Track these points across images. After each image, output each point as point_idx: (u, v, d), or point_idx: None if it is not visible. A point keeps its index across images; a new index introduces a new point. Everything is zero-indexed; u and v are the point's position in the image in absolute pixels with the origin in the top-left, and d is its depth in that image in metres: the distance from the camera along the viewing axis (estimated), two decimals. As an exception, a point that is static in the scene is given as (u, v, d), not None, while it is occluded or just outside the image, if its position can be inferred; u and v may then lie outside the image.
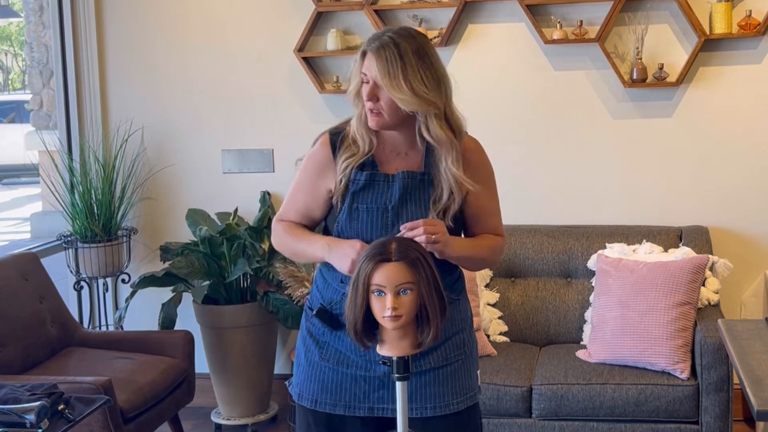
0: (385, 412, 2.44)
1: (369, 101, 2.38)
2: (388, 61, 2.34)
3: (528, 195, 4.59)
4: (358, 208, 2.43)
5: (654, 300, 3.82)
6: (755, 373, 2.68)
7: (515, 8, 4.44)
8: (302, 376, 2.52)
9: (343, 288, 2.43)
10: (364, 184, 2.44)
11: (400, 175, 2.43)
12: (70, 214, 4.75)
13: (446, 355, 2.46)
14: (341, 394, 2.46)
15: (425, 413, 2.44)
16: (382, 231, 2.41)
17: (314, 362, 2.49)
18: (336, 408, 2.46)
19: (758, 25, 4.22)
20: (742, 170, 4.40)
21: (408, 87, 2.33)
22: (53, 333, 4.12)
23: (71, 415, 2.78)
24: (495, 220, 2.57)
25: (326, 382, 2.47)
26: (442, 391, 2.45)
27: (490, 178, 2.56)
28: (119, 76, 4.94)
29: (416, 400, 2.44)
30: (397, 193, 2.42)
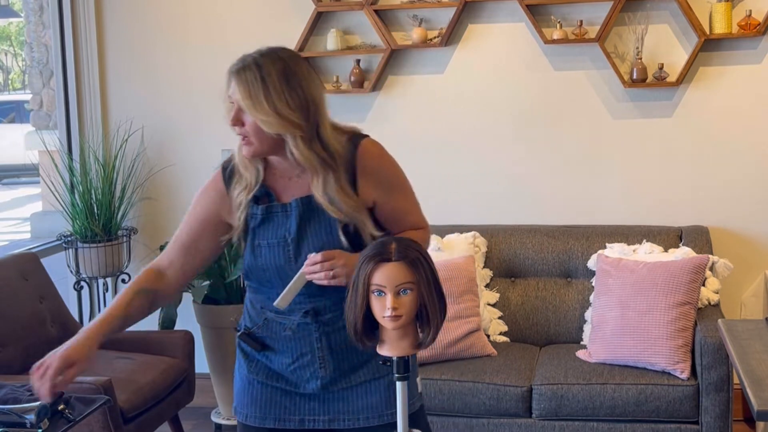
0: (317, 423, 2.42)
1: (234, 126, 2.27)
2: (249, 82, 2.24)
3: (528, 195, 4.59)
4: (260, 245, 2.35)
5: (654, 300, 3.82)
6: (755, 373, 2.68)
7: (515, 8, 4.44)
8: (236, 388, 2.50)
9: (264, 313, 2.41)
10: (262, 218, 2.34)
11: (294, 203, 2.33)
12: (70, 214, 4.75)
13: (378, 369, 2.42)
14: (271, 408, 2.43)
15: (357, 424, 2.41)
16: (285, 265, 2.34)
17: (245, 377, 2.47)
18: (266, 421, 2.43)
19: (758, 25, 4.22)
20: (742, 170, 4.40)
21: (271, 108, 2.22)
22: (53, 333, 4.12)
23: (71, 415, 2.78)
24: (413, 216, 2.50)
25: (255, 396, 2.44)
26: (375, 402, 2.42)
27: (394, 180, 2.43)
28: (119, 76, 4.94)
29: (347, 411, 2.41)
30: (294, 224, 2.33)
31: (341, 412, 2.41)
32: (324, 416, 2.41)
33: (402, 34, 4.60)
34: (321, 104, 2.31)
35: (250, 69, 2.28)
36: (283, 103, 2.23)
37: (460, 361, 3.95)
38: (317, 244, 2.33)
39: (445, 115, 4.64)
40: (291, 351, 2.41)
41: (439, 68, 4.61)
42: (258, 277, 2.40)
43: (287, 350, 2.41)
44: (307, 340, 2.39)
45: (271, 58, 2.30)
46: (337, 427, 2.42)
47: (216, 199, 2.41)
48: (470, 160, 4.63)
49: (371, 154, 2.38)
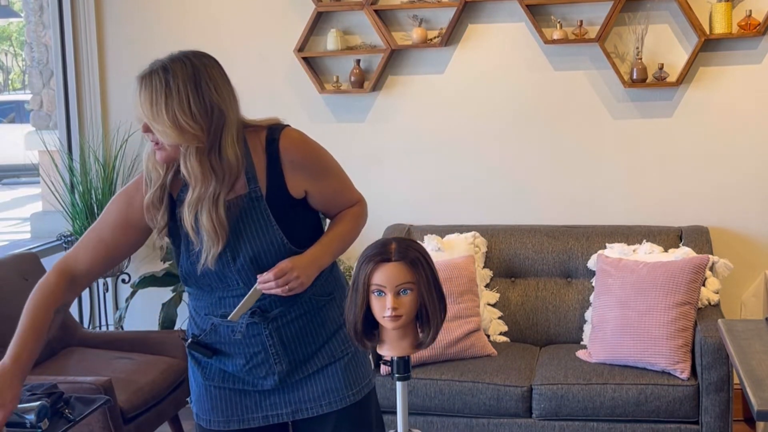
0: (281, 417, 2.41)
1: (144, 132, 2.20)
2: (153, 89, 2.16)
3: (528, 195, 4.59)
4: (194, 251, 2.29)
5: (654, 300, 3.82)
6: (755, 373, 2.68)
7: (515, 8, 4.44)
8: (194, 396, 2.48)
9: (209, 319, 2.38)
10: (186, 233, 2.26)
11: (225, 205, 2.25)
12: (70, 214, 4.75)
13: (332, 353, 2.43)
14: (233, 409, 2.42)
15: (320, 411, 2.41)
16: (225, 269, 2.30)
17: (200, 384, 2.45)
18: (230, 424, 2.42)
19: (758, 25, 4.22)
20: (742, 170, 4.40)
21: (170, 118, 2.14)
22: (53, 333, 4.11)
23: (71, 415, 2.78)
24: (347, 194, 2.45)
25: (216, 401, 2.43)
26: (335, 386, 2.42)
27: (321, 165, 2.37)
28: (119, 76, 4.94)
29: (309, 400, 2.41)
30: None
31: (302, 401, 2.41)
32: (286, 409, 2.41)
33: (402, 34, 4.60)
34: (228, 111, 2.24)
35: (157, 74, 2.19)
36: (183, 112, 2.15)
37: (460, 361, 3.95)
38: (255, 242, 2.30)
39: (445, 115, 4.64)
40: (243, 353, 2.39)
41: (439, 68, 4.61)
42: (197, 283, 2.35)
43: (239, 352, 2.39)
44: (258, 339, 2.37)
45: (181, 62, 2.23)
46: (301, 417, 2.42)
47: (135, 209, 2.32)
48: (470, 160, 4.63)
49: (293, 146, 2.32)
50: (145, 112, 2.16)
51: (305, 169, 2.34)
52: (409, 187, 4.65)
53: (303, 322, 2.39)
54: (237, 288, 2.34)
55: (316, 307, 2.42)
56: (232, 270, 2.31)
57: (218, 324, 2.38)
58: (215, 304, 2.37)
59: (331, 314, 2.45)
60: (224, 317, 2.36)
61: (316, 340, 2.42)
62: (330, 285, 2.47)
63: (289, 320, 2.38)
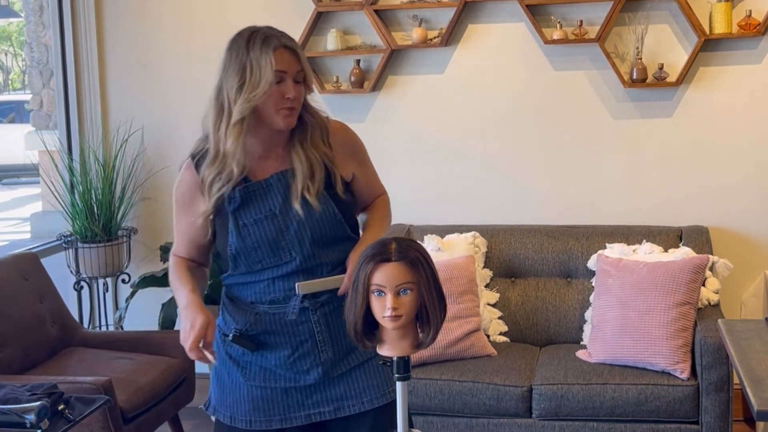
0: (323, 416, 2.43)
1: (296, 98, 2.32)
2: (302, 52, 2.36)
3: (528, 195, 4.59)
4: (246, 224, 2.36)
5: (654, 300, 3.82)
6: (755, 373, 2.68)
7: (515, 8, 4.44)
8: (230, 398, 2.47)
9: (253, 309, 2.41)
10: (242, 200, 2.37)
11: (274, 177, 2.38)
12: (70, 214, 4.75)
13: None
14: (275, 409, 2.43)
15: (363, 408, 2.43)
16: (278, 236, 2.36)
17: (239, 383, 2.45)
18: (272, 424, 2.43)
19: (758, 25, 4.22)
20: (742, 170, 4.40)
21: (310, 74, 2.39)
22: (53, 333, 4.12)
23: (71, 415, 2.78)
24: (378, 183, 2.61)
25: (257, 401, 2.43)
26: (376, 383, 2.44)
27: (362, 150, 2.54)
28: (119, 76, 4.94)
29: (351, 396, 2.43)
30: (279, 197, 2.37)
31: (344, 398, 2.43)
32: (328, 407, 2.43)
33: (402, 34, 4.60)
34: None
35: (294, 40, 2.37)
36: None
37: (460, 361, 3.95)
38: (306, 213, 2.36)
39: (445, 115, 4.64)
40: (289, 342, 2.41)
41: (439, 68, 4.61)
42: (248, 260, 2.39)
43: (285, 343, 2.41)
44: (306, 326, 2.40)
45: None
46: (343, 414, 2.44)
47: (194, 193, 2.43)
48: (470, 160, 4.63)
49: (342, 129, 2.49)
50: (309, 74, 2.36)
51: (352, 152, 2.48)
52: (409, 187, 4.65)
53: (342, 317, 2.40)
54: (289, 262, 2.37)
55: None
56: (285, 239, 2.36)
57: (264, 312, 2.40)
58: (264, 289, 2.39)
59: None
60: (273, 303, 2.38)
61: None
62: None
63: (335, 308, 2.41)
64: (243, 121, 2.31)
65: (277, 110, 2.31)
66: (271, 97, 2.30)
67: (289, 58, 2.30)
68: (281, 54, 2.29)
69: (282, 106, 2.31)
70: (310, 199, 2.35)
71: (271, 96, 2.30)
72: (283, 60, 2.29)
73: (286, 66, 2.29)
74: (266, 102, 2.30)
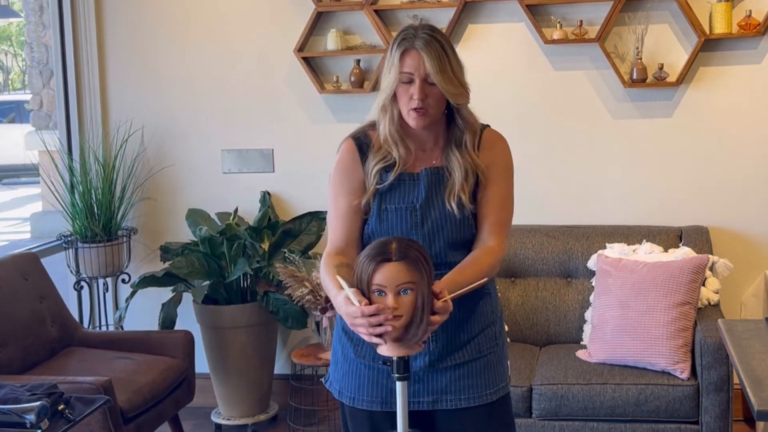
0: (420, 405, 2.45)
1: (420, 100, 2.36)
2: (438, 56, 2.35)
3: (528, 195, 4.58)
4: (387, 209, 2.44)
5: (654, 300, 3.82)
6: (755, 373, 2.67)
7: (515, 8, 4.44)
8: (340, 373, 2.53)
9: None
10: (391, 185, 2.44)
11: (424, 172, 2.45)
12: (70, 214, 4.75)
13: (480, 348, 2.48)
14: (378, 390, 2.47)
15: (459, 404, 2.45)
16: (411, 230, 2.42)
17: (351, 359, 2.50)
18: (373, 405, 2.47)
19: (758, 25, 4.22)
20: (742, 170, 4.40)
21: (457, 80, 2.38)
22: (53, 333, 4.12)
23: (71, 415, 2.78)
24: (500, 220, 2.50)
25: (363, 380, 2.48)
26: (476, 383, 2.47)
27: (505, 168, 2.56)
28: (119, 76, 4.94)
29: (451, 392, 2.45)
30: (423, 192, 2.43)
31: (445, 392, 2.45)
32: (428, 398, 2.45)
33: (402, 34, 4.60)
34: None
35: (433, 43, 2.36)
36: (461, 73, 2.41)
37: (460, 361, 3.94)
38: (442, 215, 2.42)
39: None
40: None
41: (439, 68, 4.60)
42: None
43: None
44: None
45: (437, 31, 2.40)
46: (440, 407, 2.46)
47: (353, 171, 2.48)
48: (470, 160, 4.62)
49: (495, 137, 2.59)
50: (438, 78, 2.34)
51: (496, 156, 2.53)
52: (409, 187, 4.64)
53: (462, 309, 2.41)
54: None
55: (476, 296, 2.46)
56: (417, 234, 2.41)
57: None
58: None
59: (485, 309, 2.51)
60: None
61: (470, 330, 2.47)
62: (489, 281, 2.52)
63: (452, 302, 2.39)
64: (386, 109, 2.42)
65: (407, 110, 2.39)
66: (402, 96, 2.39)
67: (419, 61, 2.35)
68: (411, 56, 2.36)
69: (410, 106, 2.38)
70: (464, 200, 2.41)
71: (402, 95, 2.39)
72: (412, 62, 2.35)
73: (413, 68, 2.35)
74: (399, 100, 2.40)
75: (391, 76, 2.38)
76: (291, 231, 4.56)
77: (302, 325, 4.42)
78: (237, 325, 4.45)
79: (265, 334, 4.55)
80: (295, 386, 4.45)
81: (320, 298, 4.10)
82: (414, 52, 2.35)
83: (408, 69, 2.36)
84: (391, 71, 2.38)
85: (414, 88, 2.36)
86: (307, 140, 4.75)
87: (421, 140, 2.48)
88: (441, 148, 2.48)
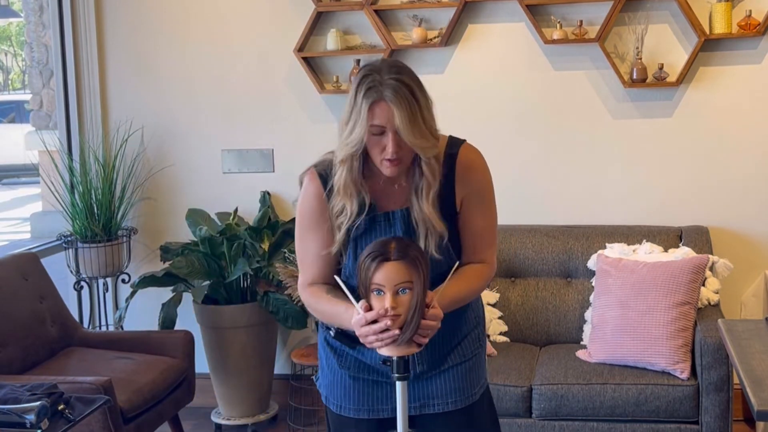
0: (410, 411, 2.45)
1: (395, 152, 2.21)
2: (409, 107, 2.18)
3: (528, 195, 4.59)
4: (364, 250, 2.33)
5: (654, 300, 3.82)
6: (755, 373, 2.67)
7: (515, 8, 4.44)
8: (326, 380, 2.54)
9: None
10: (365, 228, 2.35)
11: (399, 214, 2.35)
12: (70, 214, 4.75)
13: (464, 352, 2.49)
14: (364, 399, 2.47)
15: (447, 407, 2.46)
16: None
17: (335, 369, 2.50)
18: (360, 413, 2.47)
19: (758, 25, 4.22)
20: (742, 170, 4.40)
21: (427, 131, 2.22)
22: (53, 333, 4.12)
23: (71, 415, 2.78)
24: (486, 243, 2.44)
25: (348, 389, 2.48)
26: (463, 386, 2.48)
27: (484, 189, 2.45)
28: (119, 76, 4.94)
29: (438, 396, 2.46)
30: (399, 232, 2.34)
31: (432, 397, 2.47)
32: (415, 403, 2.46)
33: (402, 34, 4.60)
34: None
35: (402, 90, 2.18)
36: (431, 122, 2.24)
37: (460, 361, 3.94)
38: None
39: (445, 115, 4.59)
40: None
41: (439, 68, 4.61)
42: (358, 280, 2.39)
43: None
44: None
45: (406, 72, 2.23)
46: (428, 411, 2.47)
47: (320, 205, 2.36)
48: (470, 160, 4.62)
49: (472, 155, 2.43)
50: (406, 133, 2.17)
51: (471, 183, 2.39)
52: (409, 187, 4.64)
53: (447, 319, 2.35)
54: None
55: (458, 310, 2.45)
56: None
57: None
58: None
59: (469, 316, 2.51)
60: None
61: (452, 340, 2.47)
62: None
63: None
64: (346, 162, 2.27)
65: (379, 159, 2.25)
66: (374, 147, 2.23)
67: (390, 113, 2.17)
68: (381, 107, 2.18)
69: (382, 157, 2.23)
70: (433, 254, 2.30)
71: (374, 146, 2.23)
72: (382, 114, 2.18)
73: (384, 121, 2.18)
74: (370, 149, 2.25)
75: (358, 129, 2.19)
76: (291, 231, 4.55)
77: (302, 325, 4.42)
78: (237, 325, 4.45)
79: (265, 334, 4.55)
80: (295, 386, 4.45)
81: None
82: (383, 104, 2.17)
83: (378, 122, 2.18)
84: (358, 123, 2.19)
85: (387, 141, 2.20)
86: (307, 140, 4.75)
87: (393, 178, 2.33)
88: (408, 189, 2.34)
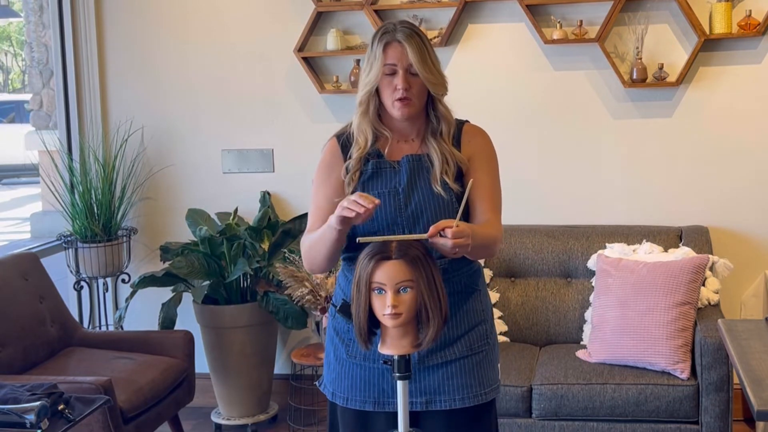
0: (414, 406, 2.46)
1: (404, 90, 2.43)
2: (419, 48, 2.43)
3: (528, 195, 4.59)
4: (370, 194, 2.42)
5: (654, 300, 3.82)
6: (755, 373, 2.67)
7: (515, 8, 4.44)
8: (333, 374, 2.55)
9: None
10: (372, 173, 2.49)
11: (405, 159, 2.49)
12: (70, 214, 4.75)
13: (470, 345, 2.49)
14: (370, 390, 2.49)
15: (454, 405, 2.46)
16: (396, 212, 2.44)
17: (342, 360, 2.52)
18: (365, 405, 2.49)
19: (758, 25, 4.22)
20: (742, 170, 4.40)
21: (436, 70, 2.47)
22: (53, 333, 4.12)
23: (71, 415, 2.78)
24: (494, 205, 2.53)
25: (355, 379, 2.50)
26: (470, 382, 2.48)
27: (488, 157, 2.60)
28: (119, 76, 4.94)
29: (445, 392, 2.46)
30: (405, 176, 2.47)
31: (438, 393, 2.47)
32: (421, 398, 2.47)
33: (402, 34, 4.60)
34: None
35: (415, 36, 2.45)
36: (439, 66, 2.50)
37: (460, 361, 3.94)
38: (426, 196, 2.45)
39: (445, 115, 4.63)
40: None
41: (439, 68, 4.60)
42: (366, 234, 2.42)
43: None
44: None
45: (418, 28, 2.49)
46: (434, 408, 2.47)
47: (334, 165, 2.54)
48: (470, 160, 4.62)
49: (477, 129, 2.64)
50: (420, 68, 2.43)
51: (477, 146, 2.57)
52: (409, 187, 4.64)
53: (451, 304, 2.42)
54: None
55: (465, 292, 2.49)
56: (402, 217, 2.44)
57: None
58: None
59: (475, 306, 2.52)
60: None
61: (459, 326, 2.48)
62: (477, 277, 2.56)
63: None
64: (362, 104, 2.49)
65: (391, 101, 2.45)
66: (386, 88, 2.45)
67: (402, 53, 2.42)
68: (394, 48, 2.43)
69: (394, 97, 2.44)
70: (450, 182, 2.45)
71: (386, 87, 2.45)
72: (395, 54, 2.43)
73: (396, 59, 2.43)
74: (383, 92, 2.46)
75: (374, 70, 2.45)
76: (291, 231, 4.56)
77: (302, 325, 4.43)
78: (237, 325, 4.45)
79: (265, 334, 4.55)
80: (295, 386, 4.45)
81: (320, 298, 4.10)
82: (396, 44, 2.43)
83: (391, 60, 2.43)
84: (374, 65, 2.45)
85: (398, 79, 2.43)
86: (307, 140, 4.75)
87: (403, 132, 2.54)
88: (421, 139, 2.54)
